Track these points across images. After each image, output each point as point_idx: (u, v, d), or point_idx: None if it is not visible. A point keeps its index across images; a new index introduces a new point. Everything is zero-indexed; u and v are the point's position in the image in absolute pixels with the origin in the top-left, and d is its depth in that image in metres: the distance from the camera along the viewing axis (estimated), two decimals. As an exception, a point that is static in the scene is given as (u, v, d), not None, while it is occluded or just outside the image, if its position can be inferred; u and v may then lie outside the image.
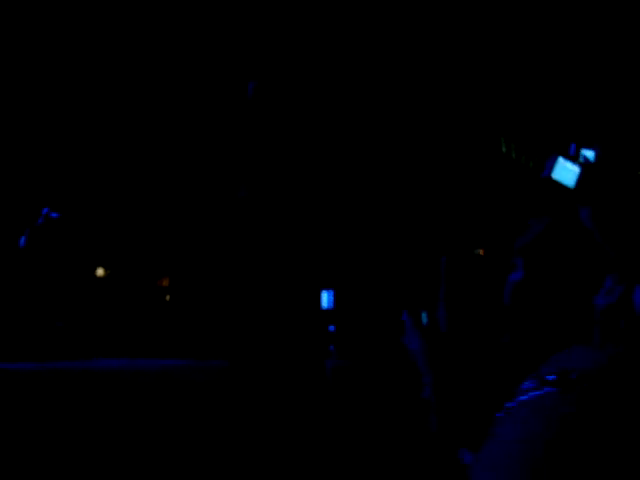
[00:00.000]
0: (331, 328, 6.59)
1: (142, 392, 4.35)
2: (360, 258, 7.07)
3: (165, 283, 8.48)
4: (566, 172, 1.72)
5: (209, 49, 7.20)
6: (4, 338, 6.10)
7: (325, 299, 6.75)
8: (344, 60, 6.81)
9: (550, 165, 1.73)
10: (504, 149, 7.31)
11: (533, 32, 6.96)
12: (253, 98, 3.96)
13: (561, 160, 1.70)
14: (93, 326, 7.15)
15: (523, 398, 1.10)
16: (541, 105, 7.25)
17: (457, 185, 7.24)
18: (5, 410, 3.85)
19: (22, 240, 7.12)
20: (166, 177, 7.98)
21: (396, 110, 7.24)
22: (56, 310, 7.13)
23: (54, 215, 7.28)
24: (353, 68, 6.90)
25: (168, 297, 8.43)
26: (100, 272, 8.15)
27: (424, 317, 1.65)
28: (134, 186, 8.04)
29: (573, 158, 1.70)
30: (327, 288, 6.73)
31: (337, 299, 6.81)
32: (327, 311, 6.72)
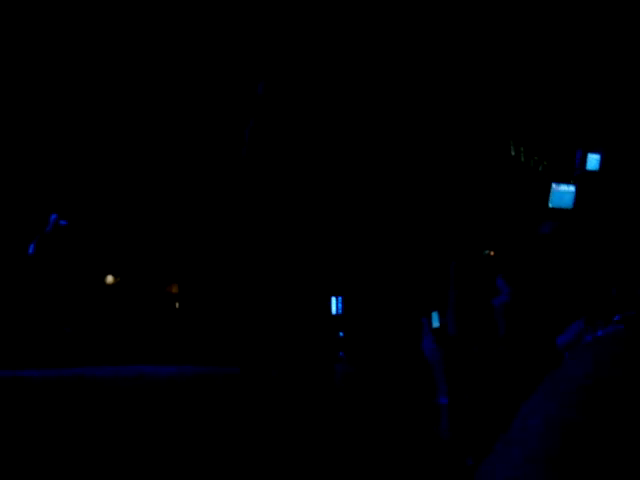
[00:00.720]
0: (341, 334, 6.56)
1: (151, 399, 4.34)
2: (369, 264, 7.05)
3: (174, 290, 8.47)
4: (562, 196, 1.72)
5: (217, 48, 7.21)
6: (14, 344, 6.11)
7: (335, 305, 6.72)
8: (352, 61, 6.80)
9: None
10: (513, 152, 7.29)
11: (543, 35, 6.94)
12: (263, 98, 3.95)
13: (554, 186, 1.69)
14: (102, 333, 7.14)
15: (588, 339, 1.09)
16: (550, 108, 7.22)
17: (466, 188, 7.22)
18: (14, 416, 3.85)
19: (31, 247, 7.13)
20: (175, 184, 7.98)
21: (406, 115, 7.22)
22: (65, 317, 7.13)
23: (63, 222, 7.29)
24: (362, 68, 6.89)
25: (177, 304, 8.42)
26: (109, 279, 8.15)
27: (435, 319, 1.63)
28: (143, 193, 8.05)
29: (566, 180, 1.69)
30: (337, 294, 6.71)
31: (346, 305, 6.79)
32: (337, 317, 6.69)
